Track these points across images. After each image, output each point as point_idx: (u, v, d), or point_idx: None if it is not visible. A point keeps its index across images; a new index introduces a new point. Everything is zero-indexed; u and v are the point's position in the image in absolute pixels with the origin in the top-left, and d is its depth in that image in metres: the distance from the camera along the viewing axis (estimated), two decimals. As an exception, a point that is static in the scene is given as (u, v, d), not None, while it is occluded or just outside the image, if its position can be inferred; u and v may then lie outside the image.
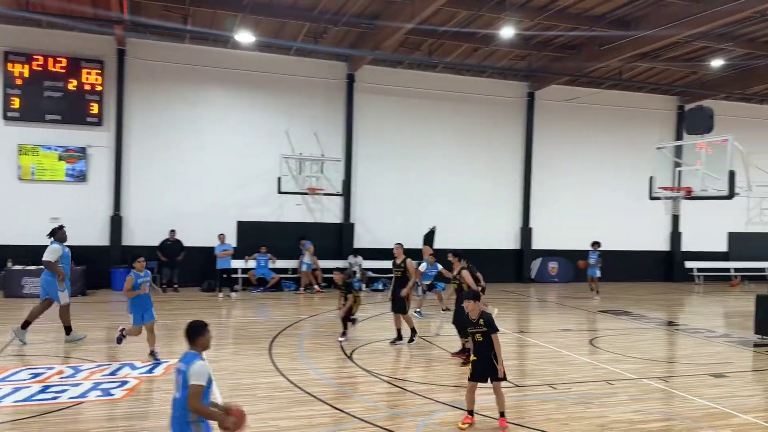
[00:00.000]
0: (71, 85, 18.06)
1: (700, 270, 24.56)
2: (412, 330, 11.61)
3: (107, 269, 17.88)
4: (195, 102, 19.31)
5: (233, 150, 19.51)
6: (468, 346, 10.61)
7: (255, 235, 19.41)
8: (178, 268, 18.18)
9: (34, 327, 10.99)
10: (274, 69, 19.88)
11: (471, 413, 7.17)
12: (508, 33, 17.09)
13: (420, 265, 14.60)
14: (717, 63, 20.14)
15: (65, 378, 8.73)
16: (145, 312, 9.82)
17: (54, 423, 6.93)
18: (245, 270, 18.97)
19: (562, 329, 13.99)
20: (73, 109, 18.13)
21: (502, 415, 7.03)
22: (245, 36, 17.16)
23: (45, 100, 17.87)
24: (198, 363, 4.71)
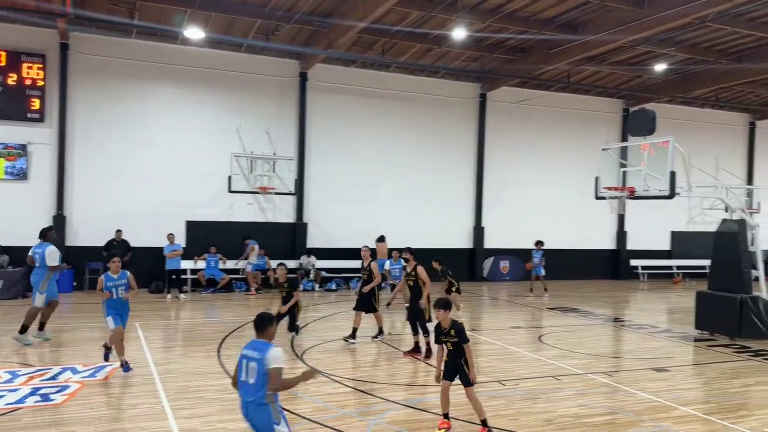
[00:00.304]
0: (11, 80, 17.35)
1: (644, 268, 25.37)
2: (380, 329, 11.90)
3: (49, 271, 17.25)
4: (143, 98, 18.83)
5: (182, 148, 19.10)
6: (421, 344, 10.74)
7: (205, 235, 19.06)
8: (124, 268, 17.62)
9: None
10: (224, 66, 19.56)
11: (446, 416, 7.04)
12: (460, 34, 17.29)
13: (385, 264, 14.71)
14: (660, 67, 20.82)
15: (2, 384, 8.37)
16: (123, 316, 9.24)
17: (-12, 431, 6.64)
18: (195, 271, 18.60)
19: (512, 326, 14.22)
20: (13, 105, 17.42)
21: (482, 424, 6.85)
22: (194, 32, 16.82)
23: (-18, 94, 17.15)
24: (275, 349, 5.25)
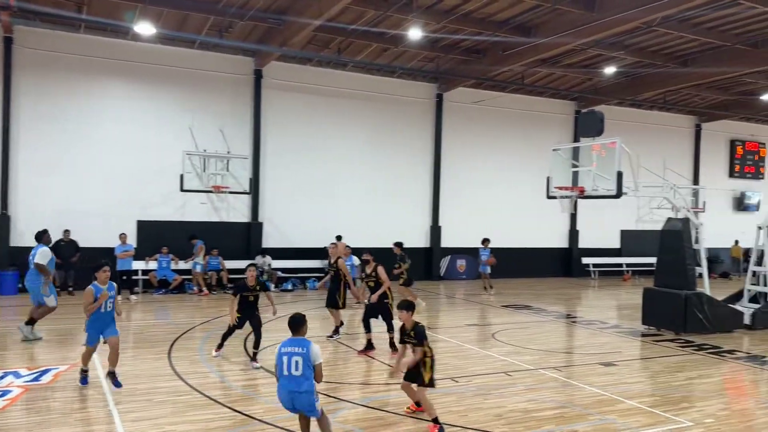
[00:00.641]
0: (-50, 74, 16.70)
1: (595, 266, 26.01)
2: (336, 327, 11.96)
3: (-8, 272, 16.65)
4: (92, 94, 18.32)
5: (133, 146, 18.66)
6: (374, 341, 10.79)
7: (156, 235, 18.66)
8: (73, 270, 17.16)
9: None
10: (177, 63, 19.19)
11: (418, 404, 7.28)
12: (415, 35, 17.38)
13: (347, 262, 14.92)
14: (610, 70, 21.36)
15: (-64, 390, 8.03)
16: (106, 327, 8.27)
17: None
18: (146, 271, 18.20)
19: (467, 324, 14.39)
20: (-48, 100, 16.75)
21: (432, 422, 6.89)
22: (146, 27, 16.46)
23: None
24: (315, 346, 5.98)
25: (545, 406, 7.99)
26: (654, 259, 14.69)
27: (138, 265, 17.82)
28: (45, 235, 11.83)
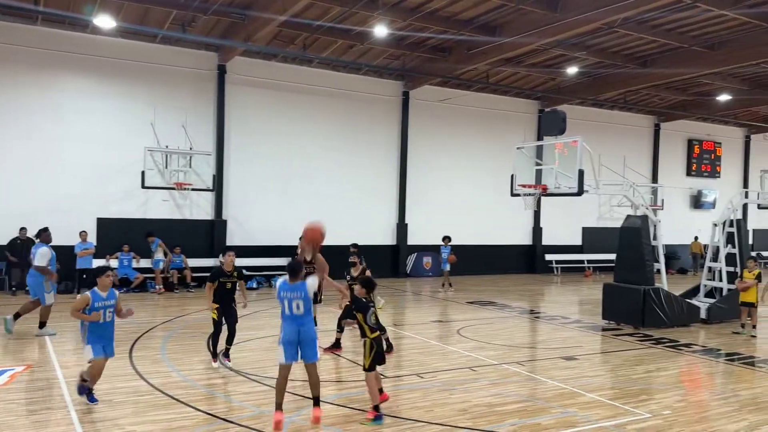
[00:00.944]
0: None
1: (558, 262, 26.45)
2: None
3: (-57, 272, 16.10)
4: (49, 89, 17.80)
5: (93, 141, 18.21)
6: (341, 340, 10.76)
7: (117, 233, 18.26)
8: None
9: None
10: (138, 57, 18.80)
11: (380, 390, 7.47)
12: (381, 32, 17.37)
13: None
14: (572, 70, 21.72)
15: None
16: (107, 345, 7.63)
17: None
18: (107, 270, 17.78)
19: (432, 321, 14.49)
20: None
21: (373, 408, 7.12)
22: (105, 21, 16.05)
23: None
24: (309, 282, 6.96)
25: (509, 400, 8.10)
26: (614, 256, 15.01)
27: (98, 264, 17.37)
28: (44, 234, 11.73)
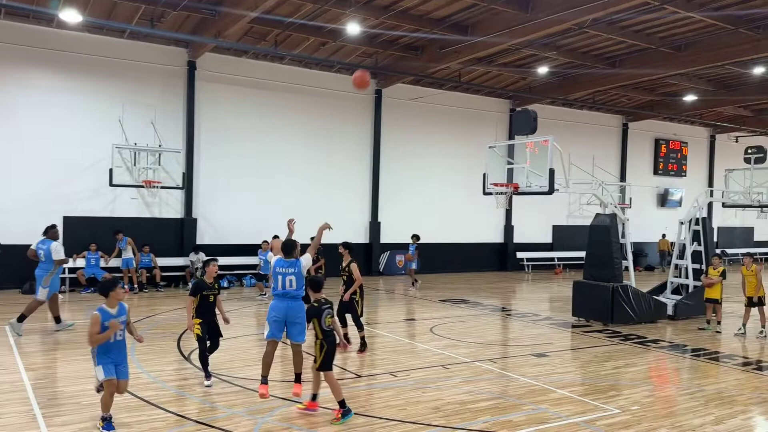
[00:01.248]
0: None
1: (529, 260, 26.73)
2: None
3: None
4: (13, 84, 17.32)
5: (59, 138, 17.79)
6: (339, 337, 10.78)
7: (84, 232, 17.87)
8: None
9: None
10: (106, 52, 18.41)
11: (314, 396, 7.46)
12: (353, 29, 17.32)
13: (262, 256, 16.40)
14: (543, 70, 21.93)
15: None
16: (120, 365, 6.79)
17: None
18: (73, 269, 17.42)
19: (405, 319, 14.52)
20: None
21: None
22: (71, 15, 15.66)
23: None
24: (303, 260, 7.43)
25: (481, 397, 8.16)
26: (584, 253, 15.22)
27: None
28: (51, 230, 12.00)
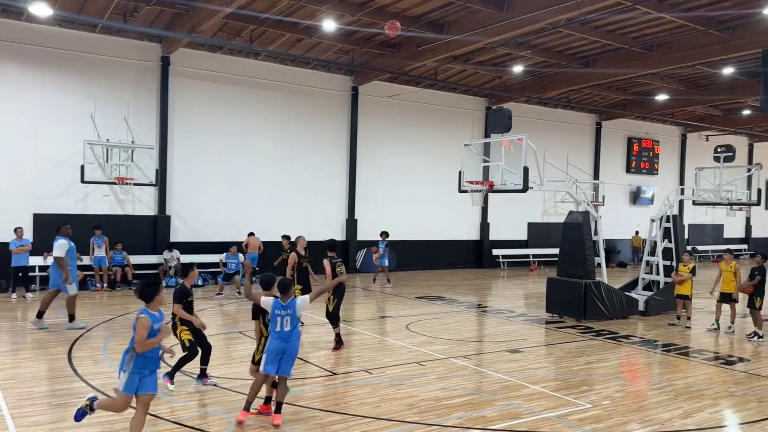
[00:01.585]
0: None
1: (504, 257, 26.97)
2: None
3: None
4: (-20, 78, 16.99)
5: (29, 134, 17.46)
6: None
7: (55, 230, 17.48)
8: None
9: None
10: (77, 47, 18.10)
11: (268, 400, 7.26)
12: (330, 26, 17.27)
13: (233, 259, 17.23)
14: (518, 69, 22.11)
15: None
16: (149, 376, 5.94)
17: None
18: (44, 268, 17.07)
19: (381, 316, 14.55)
20: None
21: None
22: (41, 8, 15.36)
23: None
24: (299, 300, 7.06)
25: (455, 393, 8.22)
26: (557, 250, 15.40)
27: (35, 261, 16.70)
28: (63, 228, 12.15)
